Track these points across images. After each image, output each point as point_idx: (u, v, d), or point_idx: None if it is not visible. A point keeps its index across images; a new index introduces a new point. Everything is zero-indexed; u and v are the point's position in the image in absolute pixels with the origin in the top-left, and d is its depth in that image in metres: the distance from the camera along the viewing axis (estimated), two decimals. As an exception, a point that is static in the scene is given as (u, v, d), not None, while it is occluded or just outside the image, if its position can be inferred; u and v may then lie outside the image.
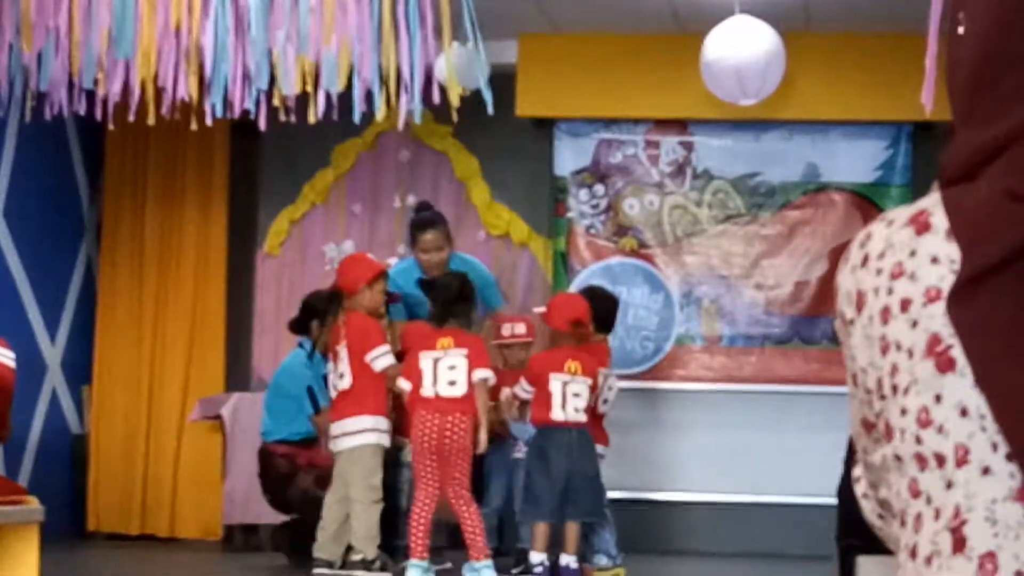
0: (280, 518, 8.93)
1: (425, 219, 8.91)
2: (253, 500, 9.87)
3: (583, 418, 8.04)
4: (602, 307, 8.51)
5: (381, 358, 7.79)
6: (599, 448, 8.32)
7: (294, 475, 8.55)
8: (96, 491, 10.51)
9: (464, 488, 7.67)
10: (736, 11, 8.92)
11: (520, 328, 8.67)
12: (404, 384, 7.74)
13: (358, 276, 7.94)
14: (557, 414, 7.98)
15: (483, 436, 7.79)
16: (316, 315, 8.49)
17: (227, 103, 7.07)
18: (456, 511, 7.69)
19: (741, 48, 8.75)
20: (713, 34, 8.83)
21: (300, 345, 8.78)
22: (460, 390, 7.69)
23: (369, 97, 7.02)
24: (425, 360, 7.72)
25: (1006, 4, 1.29)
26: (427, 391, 7.68)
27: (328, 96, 6.99)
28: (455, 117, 7.31)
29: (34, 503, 6.88)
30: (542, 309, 8.50)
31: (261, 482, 8.72)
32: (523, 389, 8.11)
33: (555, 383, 8.00)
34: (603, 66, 9.99)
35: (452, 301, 7.90)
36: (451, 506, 7.69)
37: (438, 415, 7.64)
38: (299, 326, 8.68)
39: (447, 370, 7.69)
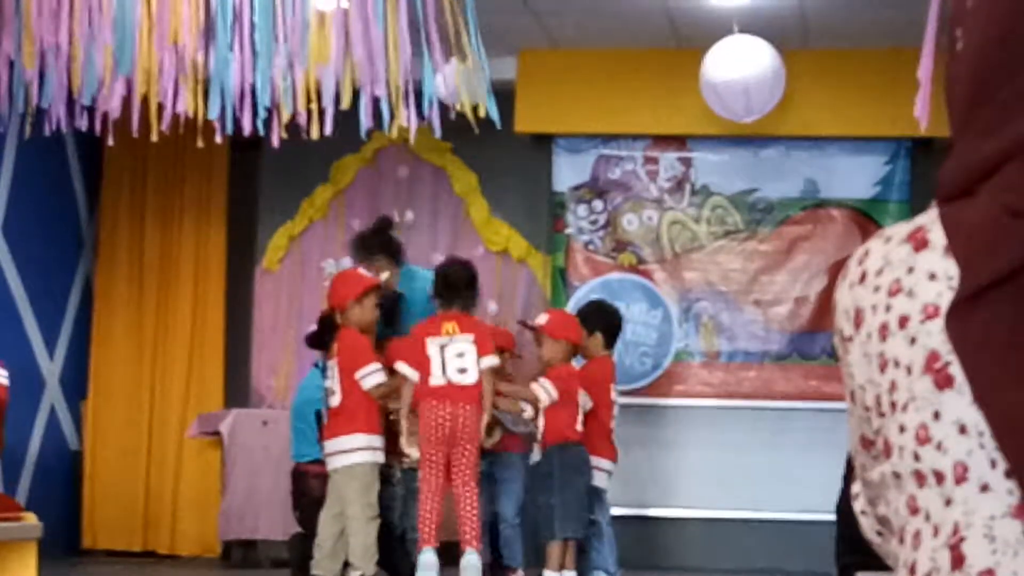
0: (287, 530, 8.86)
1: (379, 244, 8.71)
2: (251, 516, 9.86)
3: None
4: (611, 322, 8.54)
5: (370, 376, 7.75)
6: (607, 464, 8.33)
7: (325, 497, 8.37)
8: (94, 507, 10.50)
9: (471, 478, 7.69)
10: (734, 28, 8.94)
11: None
12: (410, 372, 7.70)
13: (347, 293, 7.90)
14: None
15: (484, 422, 7.81)
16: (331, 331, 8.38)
17: (234, 121, 7.07)
18: (457, 500, 7.70)
19: (740, 67, 8.78)
20: (713, 52, 8.85)
21: (315, 364, 8.70)
22: (471, 378, 7.70)
23: (376, 113, 7.02)
24: (432, 346, 7.71)
25: (1002, 17, 1.29)
26: (437, 379, 7.67)
27: (330, 112, 6.99)
28: (476, 130, 7.31)
29: (32, 520, 6.88)
30: (545, 318, 8.51)
31: (293, 500, 8.66)
32: (546, 391, 8.09)
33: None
34: (602, 82, 10.00)
35: (463, 286, 7.92)
36: (455, 495, 7.71)
37: (449, 403, 7.64)
38: (315, 340, 8.51)
39: (455, 357, 7.70)
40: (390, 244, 8.39)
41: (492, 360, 7.80)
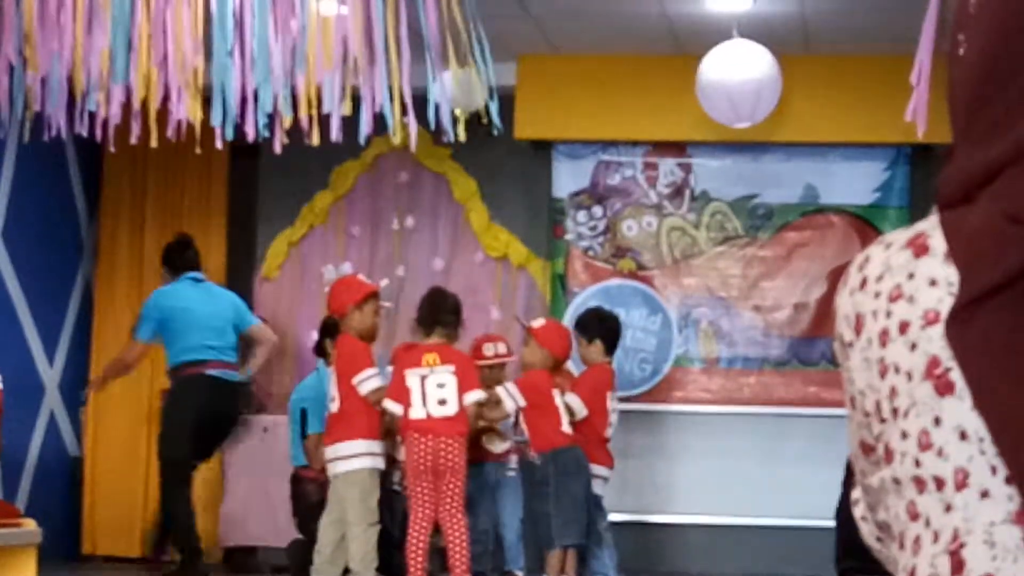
0: (287, 537, 8.86)
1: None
2: (251, 522, 9.86)
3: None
4: (610, 329, 8.54)
5: (366, 381, 7.74)
6: (603, 470, 8.32)
7: (323, 502, 8.37)
8: (94, 513, 10.49)
9: (458, 510, 7.67)
10: (735, 33, 8.94)
11: (502, 348, 8.68)
12: (394, 407, 7.70)
13: (347, 299, 7.91)
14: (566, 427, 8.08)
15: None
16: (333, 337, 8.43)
17: (236, 127, 7.05)
18: (445, 532, 7.69)
19: (737, 72, 8.78)
20: (709, 56, 8.85)
21: (317, 369, 8.73)
22: (451, 409, 7.66)
23: (377, 119, 7.00)
24: (412, 378, 7.69)
25: (1005, 21, 1.29)
26: (417, 412, 7.65)
27: (330, 118, 6.98)
28: (463, 136, 7.29)
29: (31, 525, 6.87)
30: (539, 323, 8.49)
31: (292, 506, 8.65)
32: (511, 396, 8.06)
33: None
34: (602, 88, 10.00)
35: (447, 311, 7.90)
36: (442, 526, 7.69)
37: (431, 436, 7.61)
38: (318, 348, 8.55)
39: (436, 388, 7.66)
40: (168, 256, 9.24)
41: (476, 395, 7.77)
